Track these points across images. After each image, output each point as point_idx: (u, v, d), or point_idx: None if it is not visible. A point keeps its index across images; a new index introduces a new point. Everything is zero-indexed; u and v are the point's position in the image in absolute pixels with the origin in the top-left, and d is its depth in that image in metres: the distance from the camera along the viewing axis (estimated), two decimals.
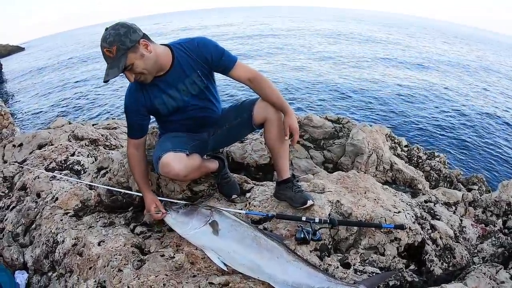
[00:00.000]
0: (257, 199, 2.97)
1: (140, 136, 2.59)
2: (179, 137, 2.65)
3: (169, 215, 2.53)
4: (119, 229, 2.84)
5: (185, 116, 2.62)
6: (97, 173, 3.53)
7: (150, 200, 2.64)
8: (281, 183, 2.83)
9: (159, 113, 2.56)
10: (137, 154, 2.60)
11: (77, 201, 3.33)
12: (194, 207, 2.56)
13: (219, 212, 2.53)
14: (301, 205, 2.71)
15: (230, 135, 2.86)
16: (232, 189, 3.03)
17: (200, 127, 2.76)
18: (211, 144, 2.88)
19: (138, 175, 2.66)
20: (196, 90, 2.53)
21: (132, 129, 2.56)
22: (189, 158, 2.49)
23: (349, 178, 3.26)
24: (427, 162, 4.80)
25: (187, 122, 2.68)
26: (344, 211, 2.84)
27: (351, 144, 4.23)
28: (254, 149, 4.10)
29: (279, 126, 2.60)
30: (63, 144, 4.45)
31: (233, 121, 2.76)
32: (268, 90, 2.55)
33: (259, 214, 2.73)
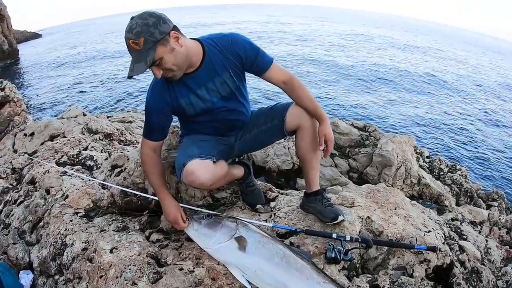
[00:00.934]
0: (283, 210, 2.76)
1: (160, 139, 2.36)
2: (206, 141, 2.43)
3: (191, 225, 2.31)
4: (133, 235, 2.62)
5: (212, 118, 2.40)
6: (111, 171, 3.32)
7: (173, 207, 2.36)
8: (310, 195, 2.62)
9: (185, 114, 2.34)
10: (154, 156, 2.36)
11: (88, 200, 3.12)
12: (218, 219, 2.34)
13: (245, 226, 2.31)
14: (331, 220, 2.50)
15: (258, 140, 2.64)
16: (257, 198, 2.82)
17: (227, 131, 2.54)
18: (237, 149, 2.67)
19: (155, 179, 2.39)
20: (226, 91, 2.32)
21: (152, 130, 2.31)
22: (216, 166, 2.27)
23: (379, 193, 3.05)
24: (449, 175, 4.65)
25: (215, 125, 2.46)
26: (375, 229, 2.66)
27: (380, 155, 4.00)
28: (277, 154, 3.89)
29: (313, 134, 2.40)
30: (76, 137, 4.24)
31: (263, 125, 2.54)
32: (303, 94, 2.36)
33: (287, 228, 2.51)
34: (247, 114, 2.53)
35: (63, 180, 3.46)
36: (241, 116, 2.49)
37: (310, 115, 2.37)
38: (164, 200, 2.38)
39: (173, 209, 2.35)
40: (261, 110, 2.64)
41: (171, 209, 2.34)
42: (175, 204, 2.38)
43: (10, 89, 7.33)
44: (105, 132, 4.83)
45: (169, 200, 2.38)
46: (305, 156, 2.50)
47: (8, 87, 7.37)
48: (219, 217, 2.36)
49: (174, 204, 2.37)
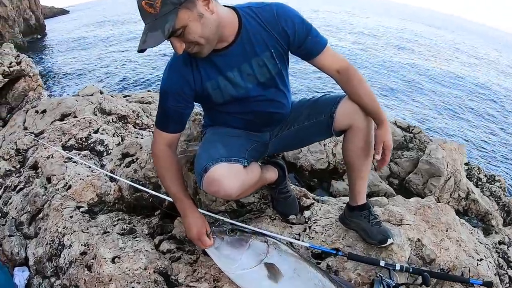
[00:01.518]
0: (320, 222, 2.30)
1: (177, 130, 1.89)
2: (235, 137, 1.96)
3: None
4: (140, 242, 2.19)
5: (245, 109, 1.92)
6: (121, 161, 2.88)
7: (198, 221, 1.88)
8: (354, 208, 2.15)
9: (211, 101, 1.86)
10: (169, 153, 1.89)
11: (93, 193, 2.70)
12: (244, 236, 1.86)
13: (277, 247, 1.84)
14: (379, 243, 2.07)
15: (298, 138, 2.15)
16: (290, 207, 2.36)
17: (263, 125, 2.06)
18: (272, 148, 2.19)
19: (172, 183, 1.91)
20: (265, 76, 1.83)
21: (167, 119, 1.85)
22: (247, 172, 1.80)
23: (430, 209, 2.55)
24: (487, 186, 4.15)
25: (247, 117, 1.98)
26: (426, 255, 2.18)
27: (427, 162, 3.49)
28: (311, 150, 3.42)
29: (366, 138, 1.96)
30: (87, 118, 3.81)
31: (306, 121, 2.05)
32: (361, 88, 1.89)
33: (327, 250, 2.03)
34: (287, 106, 2.06)
35: (67, 168, 3.05)
36: (281, 108, 2.01)
37: (366, 114, 1.92)
38: (185, 211, 1.89)
39: (197, 223, 1.86)
40: (303, 102, 2.16)
41: (194, 224, 1.86)
42: (200, 217, 1.89)
43: (27, 63, 7.09)
44: (120, 113, 4.38)
45: (192, 212, 1.89)
46: (354, 163, 2.05)
47: (25, 61, 7.12)
48: (245, 234, 1.89)
49: (198, 216, 1.89)
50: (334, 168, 3.43)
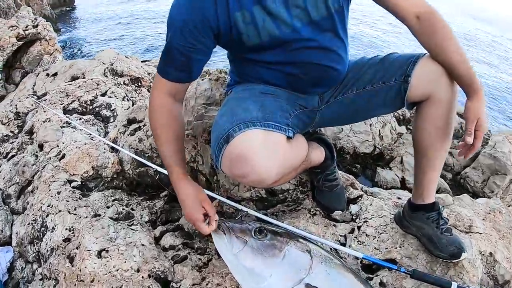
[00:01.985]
0: (371, 222, 1.74)
1: (181, 79, 1.38)
2: (273, 96, 1.41)
3: (227, 244, 1.25)
4: (136, 232, 1.68)
5: (290, 58, 1.37)
6: (125, 127, 2.35)
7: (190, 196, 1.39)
8: (419, 208, 1.62)
9: (240, 43, 1.31)
10: (170, 106, 1.40)
11: (88, 165, 2.19)
12: (277, 241, 1.27)
13: (325, 260, 1.27)
14: (450, 257, 1.54)
15: (355, 108, 1.59)
16: (337, 200, 1.80)
17: (311, 84, 1.49)
18: (319, 119, 1.62)
19: (167, 145, 1.42)
20: (321, 13, 1.30)
21: (169, 62, 1.34)
22: (291, 147, 1.28)
23: (501, 215, 1.98)
24: None
25: (292, 71, 1.42)
26: (499, 276, 1.66)
27: (491, 156, 2.88)
28: (354, 130, 2.83)
29: (448, 114, 1.45)
30: (95, 79, 3.29)
31: (368, 85, 1.52)
32: (449, 42, 1.36)
33: (386, 265, 1.48)
34: (345, 60, 1.52)
35: (63, 133, 2.55)
36: (338, 62, 1.45)
37: (452, 81, 1.40)
38: (175, 182, 1.41)
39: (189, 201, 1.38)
40: (365, 60, 1.60)
41: (186, 202, 1.38)
42: (192, 193, 1.39)
43: (44, 27, 6.68)
44: (133, 75, 3.83)
45: (184, 185, 1.40)
46: (427, 148, 1.53)
47: (42, 24, 6.73)
48: (279, 236, 1.30)
49: (191, 193, 1.39)
50: (380, 154, 2.86)
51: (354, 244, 1.64)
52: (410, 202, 1.66)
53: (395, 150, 2.83)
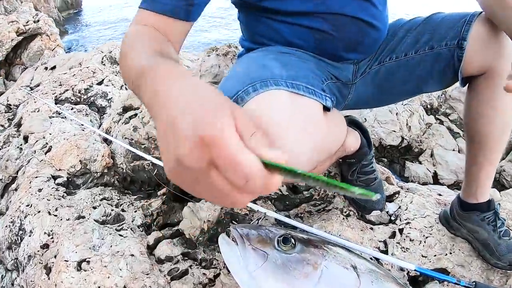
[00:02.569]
0: (414, 224, 1.44)
1: (183, 14, 0.91)
2: (300, 58, 1.07)
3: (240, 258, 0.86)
4: (125, 238, 1.36)
5: (319, 7, 1.06)
6: (120, 116, 2.04)
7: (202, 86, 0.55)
8: (472, 208, 1.36)
9: None
10: (153, 31, 0.88)
11: (76, 158, 1.87)
12: (310, 253, 0.89)
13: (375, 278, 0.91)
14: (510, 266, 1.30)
15: (394, 82, 1.28)
16: None
17: (345, 47, 1.17)
18: (354, 96, 1.30)
19: (144, 48, 0.77)
20: None
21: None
22: (329, 124, 0.93)
23: None
24: None
25: (322, 27, 1.10)
26: None
27: None
28: (379, 120, 2.56)
29: None
30: (91, 67, 2.98)
31: (411, 51, 1.23)
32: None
33: (446, 278, 1.19)
34: (386, 19, 1.22)
35: (52, 124, 2.24)
36: (378, 18, 1.15)
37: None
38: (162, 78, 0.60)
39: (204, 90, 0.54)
40: (402, 22, 1.31)
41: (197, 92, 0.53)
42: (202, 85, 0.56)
43: (45, 22, 6.56)
44: None
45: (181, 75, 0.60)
46: (487, 137, 1.24)
47: (43, 19, 6.63)
48: (311, 247, 0.92)
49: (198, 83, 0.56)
50: (408, 146, 2.59)
51: (398, 251, 1.35)
52: (460, 200, 1.39)
53: (424, 142, 2.55)
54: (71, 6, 30.24)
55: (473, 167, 1.31)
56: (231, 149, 0.43)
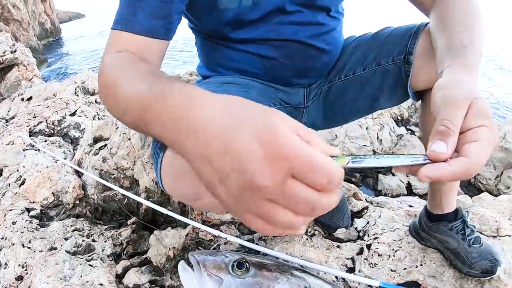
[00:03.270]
0: (383, 239, 1.46)
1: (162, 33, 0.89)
2: (242, 86, 1.11)
3: (197, 284, 0.91)
4: (95, 268, 1.39)
5: (270, 33, 1.07)
6: (91, 147, 2.08)
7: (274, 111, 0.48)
8: (439, 218, 1.34)
9: (214, 6, 1.00)
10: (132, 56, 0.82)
11: (48, 191, 1.90)
12: (263, 277, 0.93)
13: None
14: (484, 274, 1.27)
15: (346, 101, 1.26)
16: (339, 215, 1.50)
17: (295, 73, 1.18)
18: (309, 119, 1.32)
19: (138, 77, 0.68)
20: None
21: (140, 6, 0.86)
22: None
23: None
24: None
25: (271, 54, 1.11)
26: None
27: (502, 148, 2.66)
28: (349, 136, 2.63)
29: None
30: (64, 99, 3.02)
31: (359, 69, 1.19)
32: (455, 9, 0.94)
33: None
34: (339, 44, 1.23)
35: (25, 156, 2.27)
36: (331, 44, 1.17)
37: None
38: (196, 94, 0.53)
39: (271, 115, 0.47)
40: (352, 39, 1.30)
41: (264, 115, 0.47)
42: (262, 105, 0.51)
43: (22, 52, 6.52)
44: None
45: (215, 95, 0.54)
46: None
47: (20, 49, 6.57)
48: (266, 270, 0.96)
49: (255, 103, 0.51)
50: None
51: (365, 268, 1.37)
52: (427, 211, 1.38)
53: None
54: (50, 34, 30.12)
55: None
56: (307, 153, 0.42)
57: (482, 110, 0.59)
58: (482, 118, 0.58)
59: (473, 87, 0.64)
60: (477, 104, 0.59)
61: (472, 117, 0.58)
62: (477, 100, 0.59)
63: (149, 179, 1.68)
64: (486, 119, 0.58)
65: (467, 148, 0.55)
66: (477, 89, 0.63)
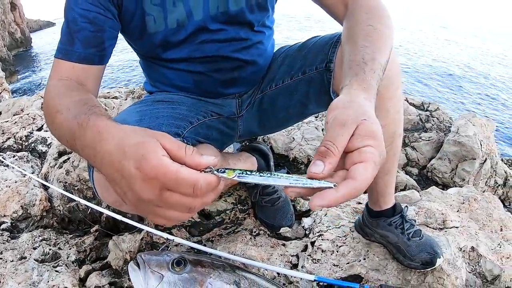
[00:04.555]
0: (327, 236, 1.56)
1: (97, 59, 1.06)
2: (173, 103, 1.23)
3: (142, 280, 1.06)
4: (60, 274, 1.52)
5: (196, 52, 1.20)
6: (56, 160, 2.19)
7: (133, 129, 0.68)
8: (379, 214, 1.42)
9: (143, 29, 1.13)
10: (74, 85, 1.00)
11: (17, 204, 2.02)
12: (198, 273, 1.07)
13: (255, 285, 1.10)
14: (424, 265, 1.34)
15: (279, 110, 1.38)
16: (281, 215, 1.63)
17: (224, 84, 1.32)
18: (245, 127, 1.44)
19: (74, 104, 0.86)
20: (239, 2, 1.15)
21: (80, 34, 1.02)
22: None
23: (476, 203, 1.82)
24: None
25: (200, 69, 1.25)
26: (487, 271, 1.46)
27: (456, 142, 2.78)
28: (305, 137, 2.74)
29: (388, 105, 1.12)
30: (31, 114, 3.12)
31: (287, 78, 1.30)
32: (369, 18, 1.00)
33: (346, 284, 1.25)
34: (267, 54, 1.35)
35: None
36: (257, 55, 1.29)
37: None
38: (102, 127, 0.70)
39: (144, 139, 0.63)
40: (282, 50, 1.43)
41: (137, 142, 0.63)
42: (149, 130, 0.68)
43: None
44: None
45: (118, 125, 0.71)
46: None
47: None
48: (201, 267, 1.10)
49: (143, 129, 0.69)
50: None
51: (308, 264, 1.46)
52: (368, 208, 1.45)
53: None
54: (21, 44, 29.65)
55: None
56: (172, 170, 0.57)
57: (368, 131, 0.64)
58: (368, 139, 0.63)
59: (364, 108, 0.70)
60: (364, 125, 0.64)
61: (358, 138, 0.63)
62: (365, 121, 0.65)
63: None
64: (371, 140, 0.63)
65: (353, 169, 0.60)
66: (368, 110, 0.70)
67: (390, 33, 0.95)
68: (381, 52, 0.87)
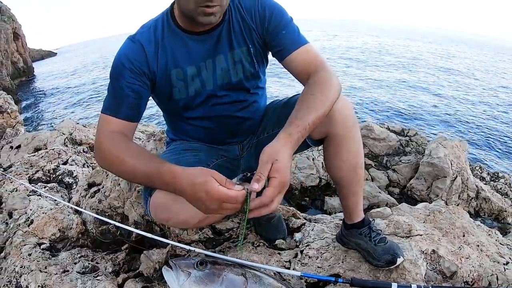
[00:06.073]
0: (313, 245, 1.97)
1: (132, 117, 1.45)
2: (192, 151, 1.67)
3: (174, 277, 1.45)
4: (101, 281, 1.88)
5: (207, 113, 1.65)
6: (86, 191, 2.58)
7: (202, 175, 1.15)
8: (351, 227, 1.81)
9: (170, 96, 1.57)
10: (123, 137, 1.39)
11: (55, 228, 2.39)
12: (216, 269, 1.49)
13: (259, 280, 1.50)
14: (387, 264, 1.70)
15: None
16: (276, 230, 2.04)
17: (228, 136, 1.78)
18: (246, 164, 1.86)
19: (138, 157, 1.30)
20: (239, 74, 1.59)
21: (120, 100, 1.42)
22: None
23: (441, 214, 2.22)
24: (492, 184, 3.90)
25: (209, 125, 1.70)
26: (445, 269, 1.83)
27: (429, 164, 3.21)
28: (299, 167, 3.15)
29: (352, 147, 1.55)
30: (56, 149, 3.52)
31: (276, 128, 1.70)
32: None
33: (324, 278, 1.68)
34: (259, 111, 1.79)
35: (30, 201, 2.75)
36: (252, 112, 1.73)
37: (346, 114, 1.50)
38: (176, 173, 1.20)
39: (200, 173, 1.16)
40: (274, 104, 1.85)
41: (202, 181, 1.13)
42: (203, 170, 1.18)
43: (5, 100, 6.88)
44: (91, 143, 4.11)
45: (184, 169, 1.21)
46: (341, 178, 1.65)
47: (3, 98, 6.93)
48: (218, 266, 1.51)
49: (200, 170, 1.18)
50: (326, 184, 3.17)
51: (298, 266, 1.84)
52: (344, 222, 1.84)
53: None
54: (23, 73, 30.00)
55: (343, 200, 1.75)
56: (224, 193, 1.09)
57: (275, 167, 1.12)
58: (274, 172, 1.12)
59: (279, 153, 1.15)
60: (275, 164, 1.12)
61: (271, 171, 1.12)
62: (277, 161, 1.13)
63: (137, 214, 2.20)
64: (277, 173, 1.11)
65: (264, 191, 1.11)
66: (280, 154, 1.15)
67: (326, 100, 1.34)
68: (310, 114, 1.27)
